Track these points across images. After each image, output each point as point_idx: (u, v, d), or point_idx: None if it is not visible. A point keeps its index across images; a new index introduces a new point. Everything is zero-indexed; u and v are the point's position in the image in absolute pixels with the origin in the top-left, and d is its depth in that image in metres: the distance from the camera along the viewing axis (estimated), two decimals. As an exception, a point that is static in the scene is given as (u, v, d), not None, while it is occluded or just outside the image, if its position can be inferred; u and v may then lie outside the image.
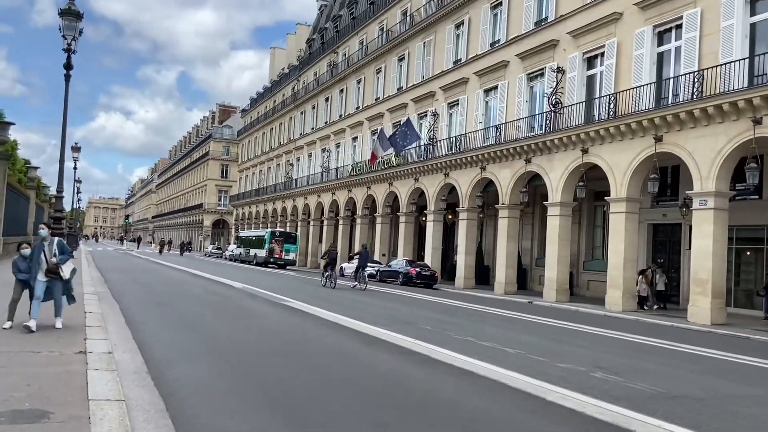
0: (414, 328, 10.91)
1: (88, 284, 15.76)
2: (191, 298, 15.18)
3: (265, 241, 42.83)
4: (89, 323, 8.95)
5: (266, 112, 65.15)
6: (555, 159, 23.32)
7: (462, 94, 30.11)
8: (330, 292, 20.33)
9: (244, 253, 46.92)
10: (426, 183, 32.38)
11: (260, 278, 26.44)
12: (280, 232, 44.70)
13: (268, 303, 14.22)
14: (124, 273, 24.08)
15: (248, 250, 46.52)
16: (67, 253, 8.39)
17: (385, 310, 14.52)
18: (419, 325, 11.52)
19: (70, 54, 14.23)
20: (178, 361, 7.25)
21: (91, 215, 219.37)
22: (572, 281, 25.28)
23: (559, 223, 22.97)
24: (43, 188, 44.99)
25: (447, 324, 12.10)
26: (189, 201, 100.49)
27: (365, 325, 10.77)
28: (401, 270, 29.09)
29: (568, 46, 23.43)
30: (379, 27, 40.41)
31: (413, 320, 12.43)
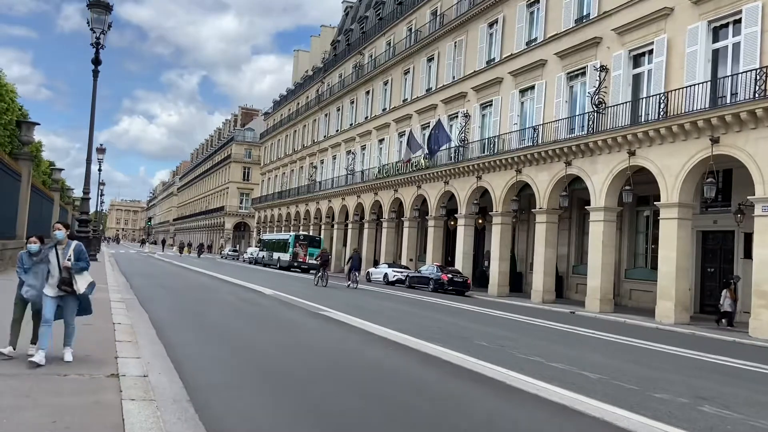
0: (469, 344, 9.92)
1: (114, 290, 15.03)
2: (223, 306, 14.35)
3: (289, 245, 42.30)
4: (119, 337, 8.12)
5: (289, 114, 64.62)
6: (598, 161, 22.17)
7: (495, 94, 29.06)
8: (362, 300, 19.41)
9: (267, 257, 46.35)
10: (457, 186, 31.35)
11: (288, 284, 25.61)
12: (304, 236, 44.12)
13: (306, 313, 13.32)
14: (149, 277, 23.41)
15: (271, 253, 46.09)
16: (84, 261, 6.54)
17: (430, 321, 13.55)
18: (474, 340, 10.53)
19: (98, 49, 13.52)
20: (222, 387, 6.36)
21: (113, 217, 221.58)
22: (613, 290, 24.06)
23: (602, 229, 21.81)
24: (67, 190, 44.89)
25: (502, 339, 11.09)
26: (210, 204, 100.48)
27: (416, 340, 9.81)
28: (432, 276, 28.08)
29: (612, 44, 22.29)
30: (407, 27, 39.53)
31: (464, 334, 11.44)
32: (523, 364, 8.19)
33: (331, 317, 12.64)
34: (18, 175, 20.96)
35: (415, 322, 13.05)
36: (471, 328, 12.69)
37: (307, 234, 46.44)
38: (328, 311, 13.71)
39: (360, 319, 12.46)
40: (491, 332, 12.21)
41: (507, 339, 11.15)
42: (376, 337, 10.05)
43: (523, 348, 9.91)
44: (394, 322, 12.56)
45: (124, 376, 5.93)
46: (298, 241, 41.97)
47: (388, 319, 12.92)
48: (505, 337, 11.54)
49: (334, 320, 12.16)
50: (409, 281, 30.17)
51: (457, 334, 11.24)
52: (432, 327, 12.33)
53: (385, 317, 13.58)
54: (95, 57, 13.61)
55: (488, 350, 9.32)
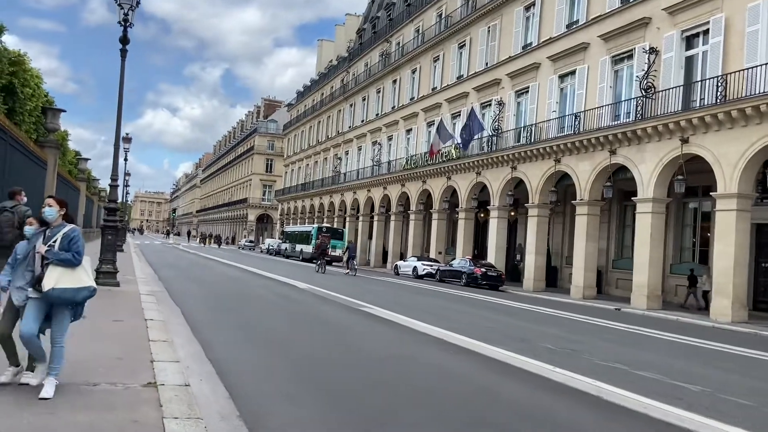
0: (534, 347, 8.95)
1: (143, 282, 14.34)
2: (257, 301, 13.55)
3: (312, 237, 41.84)
4: (153, 336, 7.31)
5: (313, 105, 63.81)
6: (646, 150, 20.93)
7: (532, 80, 27.85)
8: (398, 295, 18.55)
9: (290, 248, 45.95)
10: (490, 177, 30.24)
11: (318, 277, 24.83)
12: (327, 228, 43.57)
13: (346, 309, 12.45)
14: (177, 269, 22.80)
15: (294, 245, 45.66)
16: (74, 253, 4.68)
17: (478, 319, 12.61)
18: (537, 342, 9.56)
19: (126, 27, 12.75)
20: (274, 398, 5.49)
21: (138, 209, 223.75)
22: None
23: (650, 222, 20.59)
24: (93, 181, 44.66)
25: (566, 341, 10.10)
26: (233, 195, 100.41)
27: (475, 342, 8.86)
28: (465, 270, 27.07)
29: (662, 24, 20.97)
30: (437, 13, 38.34)
31: (522, 335, 10.47)
32: (607, 373, 7.20)
33: (374, 314, 11.75)
34: (44, 163, 20.44)
35: (464, 320, 12.12)
36: (525, 328, 11.71)
37: (330, 226, 45.57)
38: (369, 307, 12.82)
39: (404, 316, 11.55)
40: (549, 332, 11.22)
41: (571, 341, 10.15)
42: (430, 338, 9.12)
43: (595, 352, 8.91)
44: (442, 320, 11.64)
45: (162, 385, 5.10)
46: (321, 234, 41.32)
47: (433, 317, 11.99)
48: (567, 338, 10.54)
49: (379, 318, 11.26)
50: (440, 275, 29.20)
51: (515, 335, 10.27)
52: (483, 325, 11.39)
53: (430, 314, 12.66)
54: (123, 36, 12.84)
55: (560, 355, 8.33)
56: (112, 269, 12.96)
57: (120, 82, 12.32)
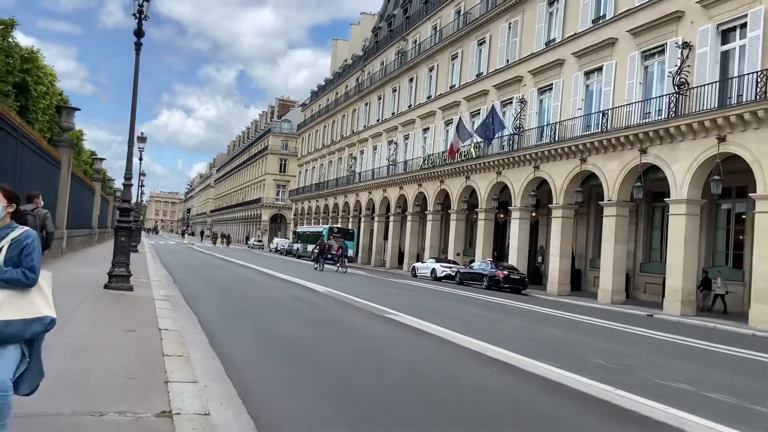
0: (584, 363, 8.16)
1: (157, 286, 13.73)
2: (277, 306, 12.88)
3: (324, 237, 41.73)
4: (167, 349, 6.65)
5: (328, 104, 63.25)
6: (680, 149, 20.03)
7: (556, 77, 26.99)
8: (421, 300, 17.83)
9: (302, 249, 46.11)
10: (511, 176, 29.41)
11: (335, 279, 24.17)
12: (338, 228, 43.71)
13: (371, 317, 11.72)
14: (192, 270, 22.23)
15: (306, 245, 45.63)
16: (26, 269, 3.17)
17: (513, 328, 11.85)
18: (585, 357, 8.78)
19: (141, 20, 12.14)
20: (308, 429, 4.79)
21: (152, 209, 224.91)
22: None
23: (685, 224, 19.68)
24: (108, 181, 44.38)
25: (616, 354, 9.30)
26: (247, 195, 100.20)
27: (518, 356, 8.10)
28: (486, 272, 26.26)
29: (696, 18, 20.06)
30: (455, 10, 37.57)
31: (567, 348, 9.70)
32: (675, 396, 6.40)
33: (402, 322, 11.02)
34: (58, 163, 19.98)
35: (498, 330, 11.36)
36: (565, 338, 10.93)
37: (342, 227, 45.48)
38: (395, 314, 12.10)
39: (434, 324, 10.80)
40: (593, 344, 10.44)
41: (620, 354, 9.35)
42: (469, 352, 8.36)
43: (650, 368, 8.12)
44: (475, 328, 10.89)
45: (179, 414, 4.41)
46: (333, 234, 41.39)
47: (464, 325, 11.25)
48: (614, 351, 9.75)
49: (408, 327, 10.52)
50: (460, 277, 28.41)
51: (558, 348, 9.50)
52: (520, 336, 10.63)
53: (459, 321, 11.92)
54: (138, 28, 12.24)
55: (615, 373, 7.55)
56: (125, 272, 12.36)
57: (135, 75, 11.72)
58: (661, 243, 25.84)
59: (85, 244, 28.58)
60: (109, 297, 10.99)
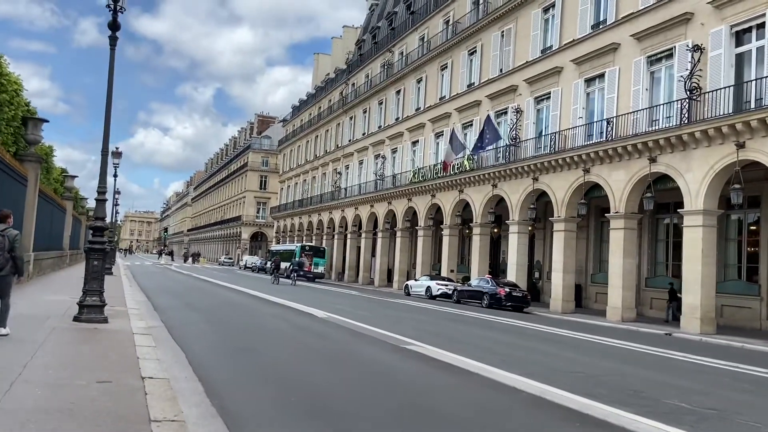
0: (667, 407, 6.72)
1: (135, 315, 12.05)
2: (277, 337, 11.27)
3: (295, 255, 43.92)
4: (155, 412, 5.07)
5: (310, 119, 61.84)
6: (693, 157, 18.99)
7: (554, 86, 25.96)
8: (431, 324, 16.36)
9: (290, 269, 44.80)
10: (507, 189, 28.22)
11: (329, 300, 22.57)
12: (310, 246, 46.44)
13: (393, 350, 10.07)
14: (173, 295, 20.45)
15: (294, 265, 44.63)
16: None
17: (550, 359, 10.43)
18: (658, 397, 7.35)
19: (116, 10, 10.66)
20: None
21: (127, 228, 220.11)
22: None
23: (701, 236, 18.58)
24: (81, 200, 42.21)
25: (687, 392, 7.88)
26: (226, 213, 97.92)
27: (585, 400, 6.64)
28: (487, 290, 24.90)
29: (708, 20, 19.15)
30: (443, 20, 36.59)
31: (626, 384, 8.29)
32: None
33: (427, 355, 9.48)
34: (24, 179, 18.20)
35: (536, 361, 9.93)
36: (615, 370, 9.53)
37: (312, 245, 47.98)
38: (415, 345, 10.57)
39: (465, 358, 9.30)
40: (652, 378, 9.02)
41: (693, 392, 7.92)
42: (525, 397, 6.87)
43: (744, 412, 6.74)
44: (513, 361, 9.43)
45: None
46: (304, 252, 44.57)
47: (499, 357, 9.80)
48: (683, 387, 8.32)
49: (436, 361, 8.96)
50: (458, 296, 27.00)
51: (617, 384, 8.07)
52: (566, 369, 9.20)
53: (485, 351, 10.48)
54: (112, 20, 10.77)
55: (711, 421, 6.16)
56: (98, 302, 10.70)
57: (110, 71, 10.19)
58: (667, 256, 24.81)
59: (56, 266, 26.59)
60: (80, 332, 9.35)
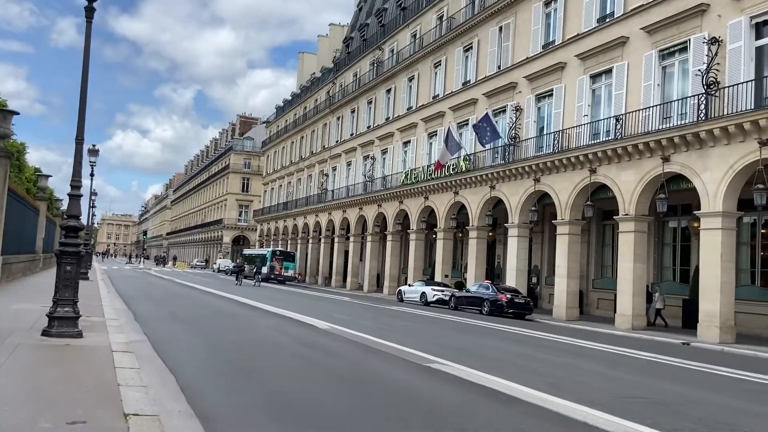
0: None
1: (115, 327, 10.57)
2: (278, 353, 9.81)
3: (267, 259, 47.13)
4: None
5: (295, 119, 60.28)
6: (711, 155, 17.98)
7: (557, 82, 24.90)
8: (445, 337, 15.08)
9: (249, 270, 47.12)
10: (506, 191, 27.09)
11: (324, 308, 21.17)
12: (281, 251, 49.26)
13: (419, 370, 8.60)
14: (154, 302, 18.89)
15: (252, 266, 47.30)
16: None
17: (601, 380, 9.18)
18: (738, 426, 6.17)
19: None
20: None
21: (104, 232, 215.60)
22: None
23: (720, 240, 17.55)
24: (55, 201, 40.20)
25: (761, 418, 6.74)
26: (207, 216, 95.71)
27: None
28: (487, 296, 23.68)
29: (725, 11, 18.19)
30: (437, 16, 35.44)
31: (696, 413, 7.09)
32: None
33: (463, 378, 8.04)
34: (-12, 175, 16.57)
35: (585, 383, 8.64)
36: (678, 394, 8.28)
37: (283, 250, 50.67)
38: (440, 363, 9.19)
39: (508, 381, 7.95)
40: (727, 404, 7.84)
41: (759, 416, 6.78)
42: (591, 430, 5.65)
43: None
44: (559, 385, 8.12)
45: None
46: (275, 257, 47.40)
47: (540, 379, 8.51)
48: (753, 412, 7.18)
49: (478, 387, 7.50)
50: (456, 302, 25.73)
51: (705, 418, 6.84)
52: (623, 394, 7.97)
53: (529, 373, 9.21)
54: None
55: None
56: (71, 313, 9.23)
57: (86, 43, 8.74)
58: (674, 261, 23.85)
59: (27, 271, 24.81)
60: (49, 350, 7.90)
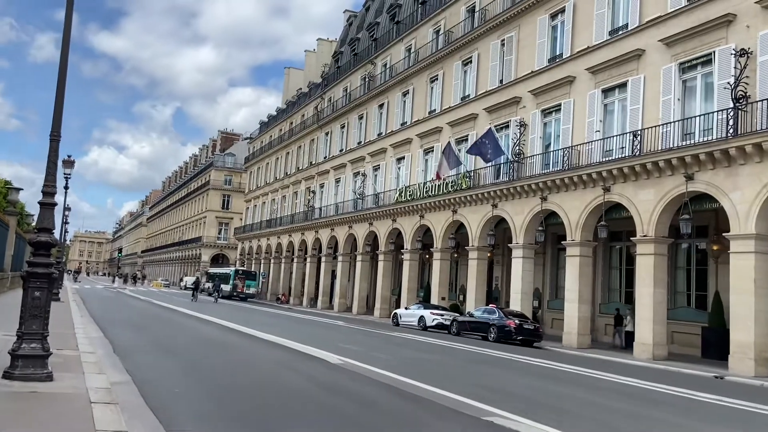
0: None
1: (91, 364, 8.81)
2: (304, 406, 7.85)
3: (230, 278, 49.88)
4: None
5: (281, 135, 58.65)
6: (741, 174, 16.84)
7: (565, 97, 23.78)
8: (483, 375, 13.49)
9: (213, 288, 48.53)
10: (510, 210, 25.76)
11: (323, 335, 19.42)
12: (243, 271, 52.52)
13: (480, 427, 7.11)
14: (134, 327, 16.98)
15: (217, 284, 48.27)
16: None
17: (660, 426, 7.69)
18: None
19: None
20: None
21: (76, 249, 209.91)
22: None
23: (754, 264, 16.31)
24: (27, 216, 37.89)
25: None
26: (185, 234, 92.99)
27: None
28: (494, 322, 22.15)
29: (754, 21, 17.21)
30: (433, 30, 34.34)
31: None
32: None
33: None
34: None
35: None
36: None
37: (245, 269, 53.91)
38: (500, 415, 7.51)
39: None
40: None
41: None
42: None
43: None
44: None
45: None
46: (238, 275, 50.33)
47: (586, 423, 6.99)
48: None
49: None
50: (458, 327, 24.17)
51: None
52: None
53: (566, 414, 7.68)
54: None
55: None
56: (39, 350, 7.50)
57: (66, 25, 7.13)
58: (688, 286, 22.66)
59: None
60: (9, 401, 6.17)
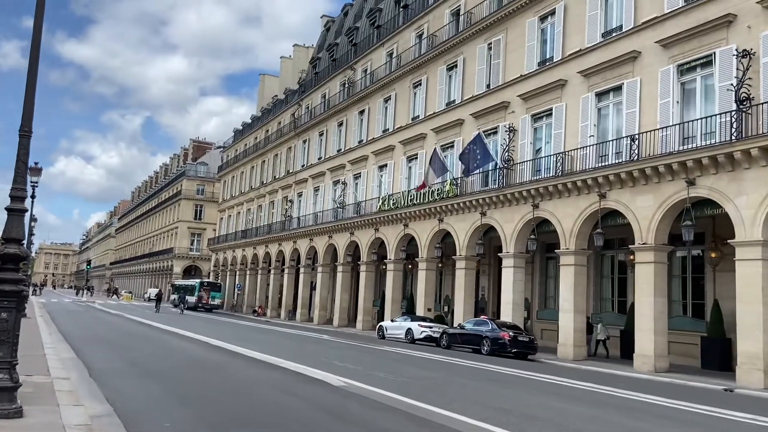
0: None
1: (66, 393, 7.67)
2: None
3: (196, 289, 51.15)
4: None
5: (256, 143, 57.29)
6: (745, 178, 16.36)
7: (557, 101, 23.21)
8: (465, 384, 12.57)
9: (178, 299, 48.05)
10: (499, 218, 25.04)
11: (313, 352, 18.30)
12: (208, 282, 53.99)
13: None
14: (109, 346, 15.65)
15: (183, 296, 48.35)
16: None
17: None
18: None
19: None
20: None
21: (42, 262, 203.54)
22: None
23: (761, 271, 15.79)
24: (-13, 227, 35.91)
25: None
26: (156, 245, 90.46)
27: None
28: (487, 334, 21.31)
29: (756, 21, 16.80)
30: (416, 34, 33.64)
31: None
32: None
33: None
34: None
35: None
36: None
37: (210, 281, 55.75)
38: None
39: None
40: None
41: None
42: None
43: None
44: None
45: None
46: (203, 287, 51.73)
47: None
48: None
49: None
50: (448, 340, 23.27)
51: None
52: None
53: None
54: None
55: None
56: (8, 382, 6.38)
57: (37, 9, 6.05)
58: (684, 294, 22.16)
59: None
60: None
